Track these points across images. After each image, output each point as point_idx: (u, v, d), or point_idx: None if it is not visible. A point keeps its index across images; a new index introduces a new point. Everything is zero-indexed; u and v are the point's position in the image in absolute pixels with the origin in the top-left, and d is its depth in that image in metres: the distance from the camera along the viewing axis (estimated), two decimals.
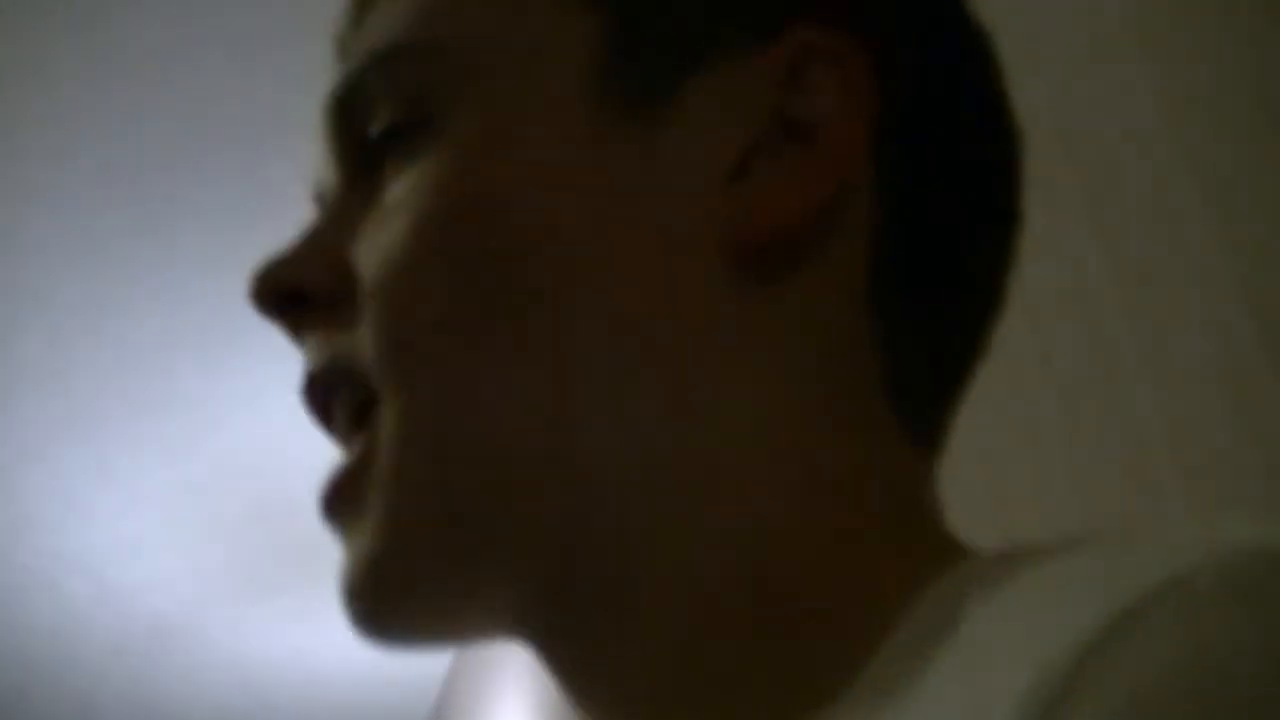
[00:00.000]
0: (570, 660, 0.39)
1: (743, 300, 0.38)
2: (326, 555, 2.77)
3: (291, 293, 0.41)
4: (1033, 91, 0.45)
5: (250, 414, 2.45)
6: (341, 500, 0.40)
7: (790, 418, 0.38)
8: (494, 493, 0.38)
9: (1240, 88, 0.82)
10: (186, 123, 1.95)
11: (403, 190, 0.40)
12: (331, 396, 0.41)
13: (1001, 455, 0.99)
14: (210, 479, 2.60)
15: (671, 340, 0.38)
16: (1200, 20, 0.85)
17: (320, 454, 2.51)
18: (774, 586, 0.36)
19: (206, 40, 1.86)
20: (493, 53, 0.41)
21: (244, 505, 2.67)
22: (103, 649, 3.07)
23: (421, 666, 3.18)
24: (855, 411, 0.39)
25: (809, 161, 0.38)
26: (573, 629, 0.39)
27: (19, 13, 1.79)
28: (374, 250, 0.40)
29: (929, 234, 0.40)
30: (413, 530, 0.38)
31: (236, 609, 2.96)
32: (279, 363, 2.34)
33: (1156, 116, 0.89)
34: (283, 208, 2.06)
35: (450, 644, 0.42)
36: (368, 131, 0.42)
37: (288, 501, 2.65)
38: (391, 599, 0.39)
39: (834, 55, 0.39)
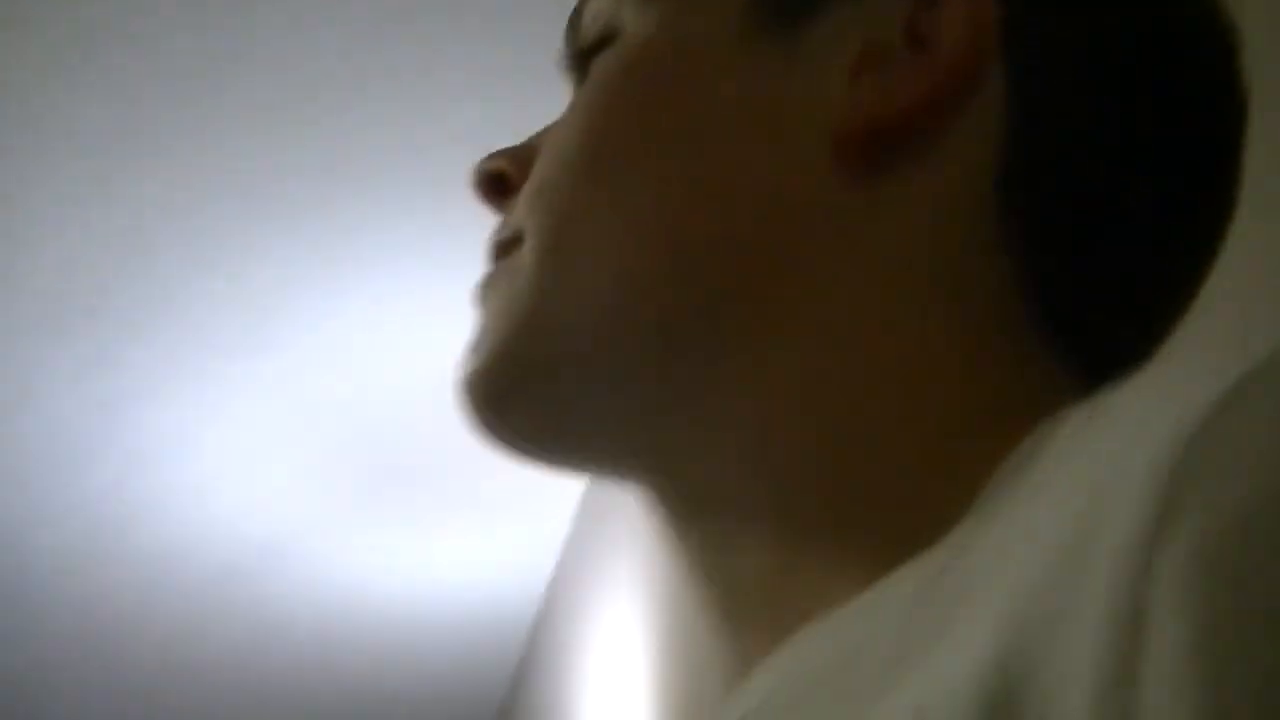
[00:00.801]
0: (673, 509, 0.44)
1: (848, 187, 0.42)
2: (430, 477, 2.85)
3: (495, 179, 0.49)
4: None
5: (352, 345, 2.49)
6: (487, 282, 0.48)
7: (887, 290, 0.41)
8: (600, 320, 0.43)
9: None
10: (287, 76, 1.96)
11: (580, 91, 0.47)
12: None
13: None
14: (314, 408, 2.64)
15: (778, 211, 0.42)
16: None
17: (422, 379, 2.59)
18: (866, 448, 0.40)
19: None
20: None
21: (348, 431, 2.71)
22: (211, 574, 3.15)
23: (525, 583, 3.23)
24: (968, 298, 0.41)
25: (920, 65, 0.41)
26: (676, 469, 0.43)
27: None
28: (551, 134, 0.48)
29: (1057, 148, 0.42)
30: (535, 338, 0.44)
31: (341, 531, 3.01)
32: (378, 296, 2.38)
33: None
34: (383, 153, 2.10)
35: (556, 461, 0.48)
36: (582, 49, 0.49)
37: (391, 426, 2.69)
38: (500, 398, 0.45)
39: None
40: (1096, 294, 0.42)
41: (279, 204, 2.18)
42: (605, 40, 0.47)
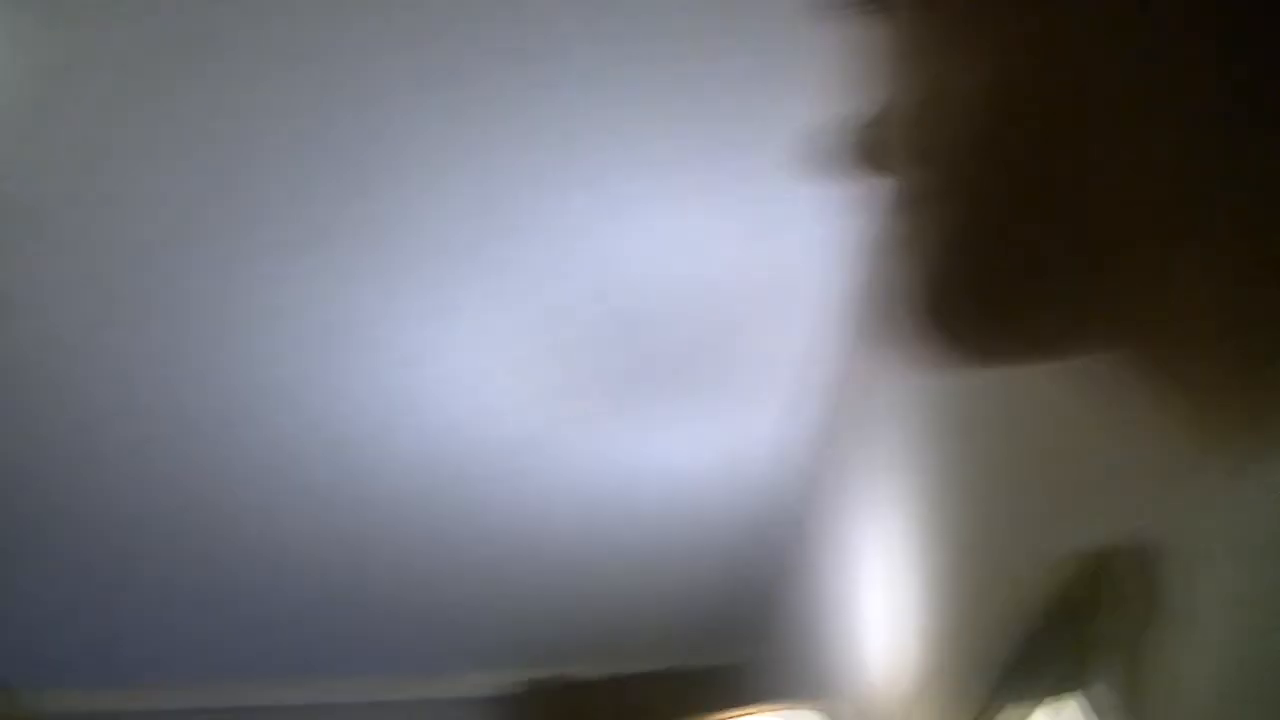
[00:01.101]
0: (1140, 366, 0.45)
1: None
2: (676, 366, 2.83)
3: (872, 150, 0.50)
4: None
5: (595, 237, 2.46)
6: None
7: None
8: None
9: None
10: None
11: None
12: None
13: None
14: (556, 302, 2.63)
15: None
16: None
17: (667, 268, 2.55)
18: None
19: None
20: None
21: (591, 324, 2.70)
22: (457, 477, 3.20)
23: (780, 469, 3.21)
24: None
25: None
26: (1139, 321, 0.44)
27: None
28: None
29: None
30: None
31: (585, 427, 3.03)
32: (620, 186, 2.33)
33: None
34: (619, 40, 2.04)
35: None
36: None
37: (634, 315, 2.68)
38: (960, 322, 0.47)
39: None
40: None
41: (516, 98, 2.15)
42: None
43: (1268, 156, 0.40)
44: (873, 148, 0.51)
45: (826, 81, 1.86)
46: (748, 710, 2.55)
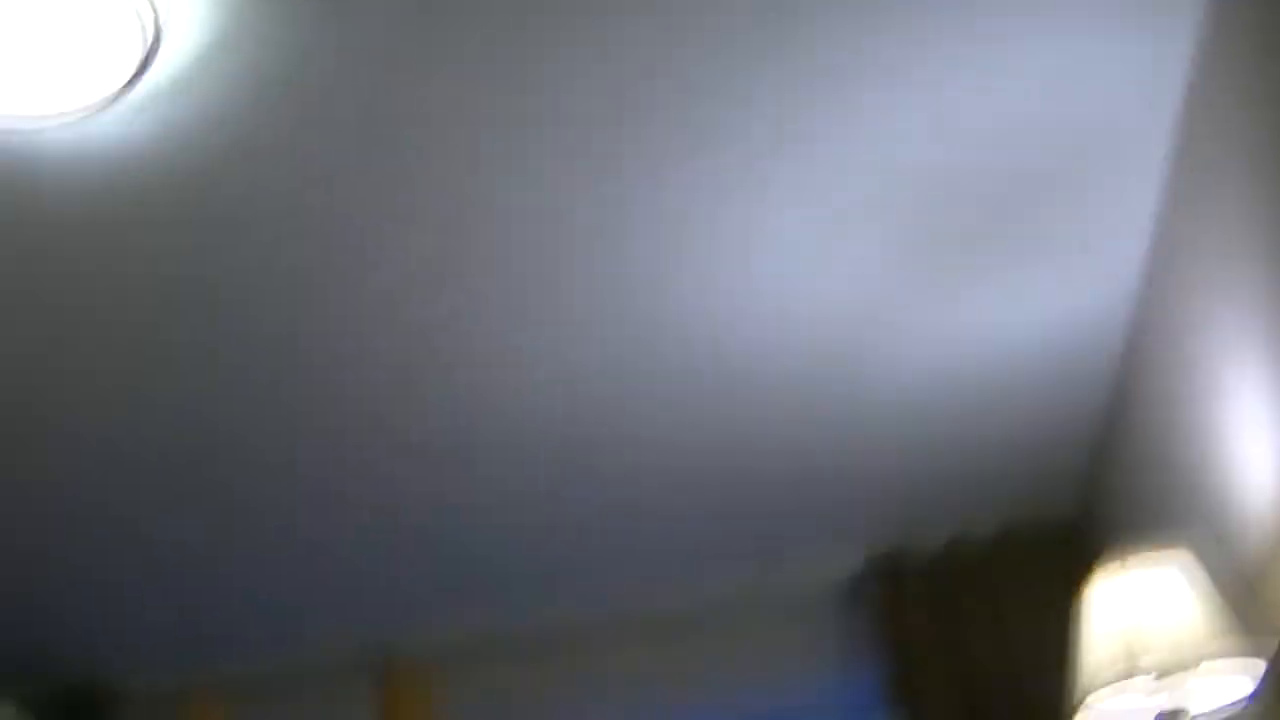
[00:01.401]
0: None
1: None
2: (1007, 220, 2.78)
3: None
4: None
5: (916, 97, 2.41)
6: None
7: None
8: None
9: None
10: None
11: None
12: None
13: None
14: (883, 168, 2.59)
15: None
16: None
17: (996, 121, 2.48)
18: None
19: None
20: None
21: (914, 189, 2.66)
22: (792, 368, 3.21)
23: (1123, 307, 3.12)
24: None
25: None
26: None
27: None
28: None
29: None
30: None
31: (921, 294, 3.00)
32: (947, 40, 2.28)
33: None
34: None
35: None
36: None
37: (961, 174, 2.62)
38: None
39: None
40: None
41: None
42: None
43: None
44: None
45: None
46: (1117, 559, 2.50)
